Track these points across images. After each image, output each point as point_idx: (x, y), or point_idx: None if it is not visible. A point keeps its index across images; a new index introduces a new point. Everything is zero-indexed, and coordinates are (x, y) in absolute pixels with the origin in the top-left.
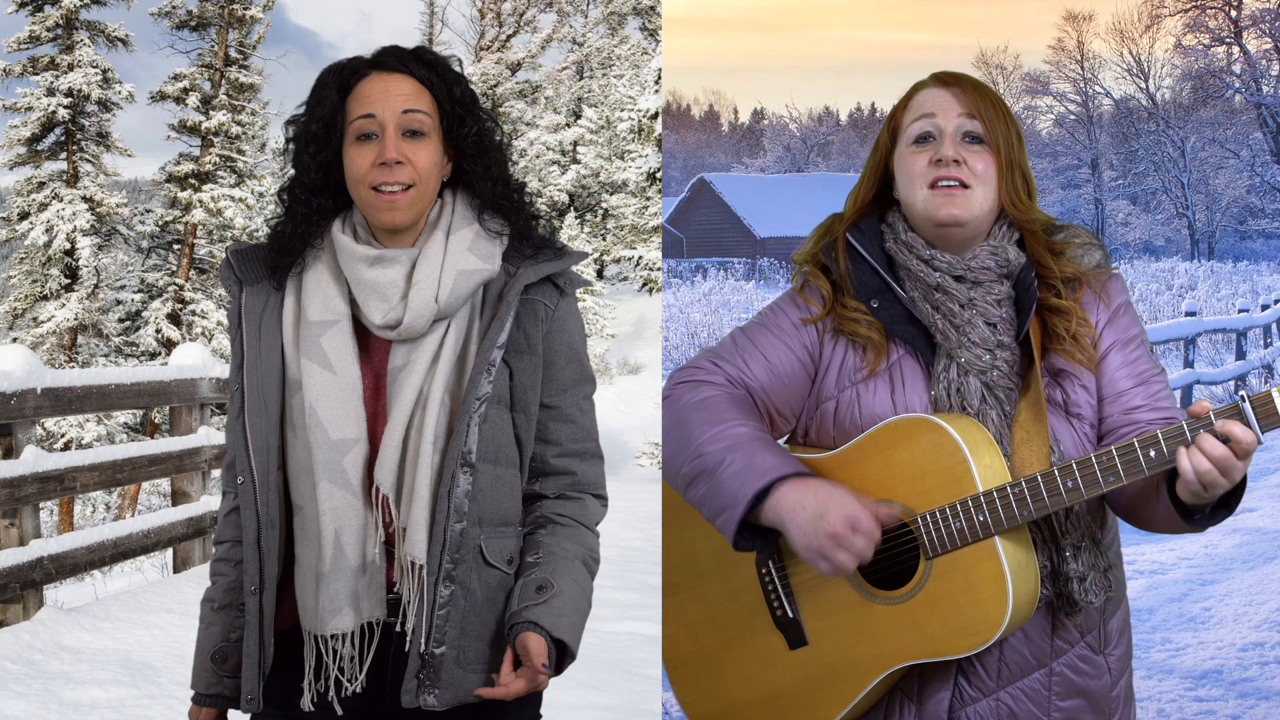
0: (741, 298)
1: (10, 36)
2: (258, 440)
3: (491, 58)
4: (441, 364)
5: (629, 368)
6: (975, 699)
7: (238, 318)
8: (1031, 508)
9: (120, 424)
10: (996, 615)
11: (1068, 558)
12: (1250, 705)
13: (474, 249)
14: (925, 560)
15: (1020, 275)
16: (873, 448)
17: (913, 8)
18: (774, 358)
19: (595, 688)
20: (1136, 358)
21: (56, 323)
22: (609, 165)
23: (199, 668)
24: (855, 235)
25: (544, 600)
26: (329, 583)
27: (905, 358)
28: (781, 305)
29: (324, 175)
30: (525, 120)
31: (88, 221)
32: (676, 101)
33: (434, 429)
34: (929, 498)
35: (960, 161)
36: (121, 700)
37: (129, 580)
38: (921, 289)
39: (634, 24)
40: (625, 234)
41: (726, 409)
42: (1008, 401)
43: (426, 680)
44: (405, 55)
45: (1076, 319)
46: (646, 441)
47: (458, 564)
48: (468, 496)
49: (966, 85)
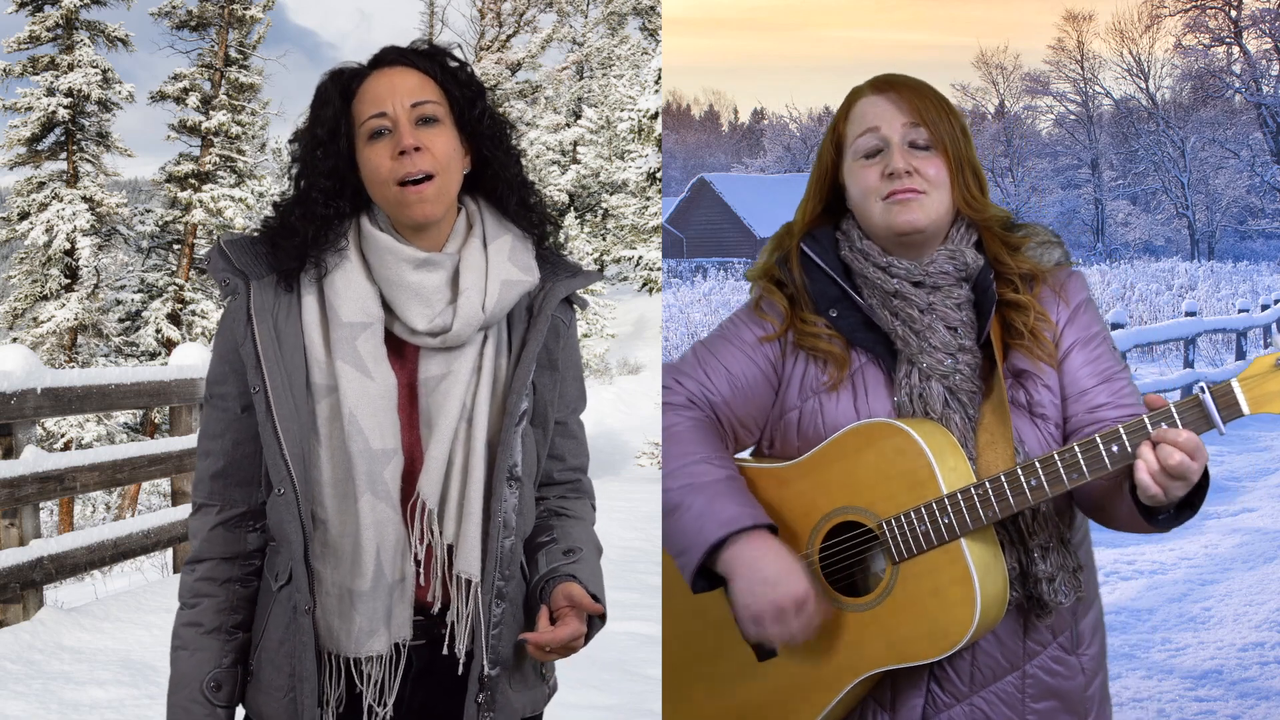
0: (741, 298)
1: (10, 36)
2: (293, 446)
3: (491, 58)
4: (484, 375)
5: (629, 368)
6: (949, 704)
7: (246, 314)
8: (996, 508)
9: (120, 424)
10: (964, 618)
11: (1036, 559)
12: (1250, 705)
13: (514, 259)
14: (891, 565)
15: (979, 277)
16: (837, 453)
17: (913, 8)
18: (736, 370)
19: (595, 688)
20: (1099, 355)
21: (56, 323)
22: (609, 165)
23: (186, 701)
24: (810, 245)
25: (575, 560)
26: (367, 602)
27: (867, 365)
28: (741, 319)
29: (338, 181)
30: (525, 120)
31: (88, 221)
32: (676, 101)
33: (482, 441)
34: (893, 502)
35: (912, 172)
36: (121, 700)
37: (129, 580)
38: (880, 296)
39: (634, 24)
40: (625, 234)
41: (689, 441)
42: (971, 405)
43: (485, 705)
44: (404, 50)
45: (1034, 314)
46: (646, 441)
47: (509, 580)
48: (515, 511)
49: (904, 90)
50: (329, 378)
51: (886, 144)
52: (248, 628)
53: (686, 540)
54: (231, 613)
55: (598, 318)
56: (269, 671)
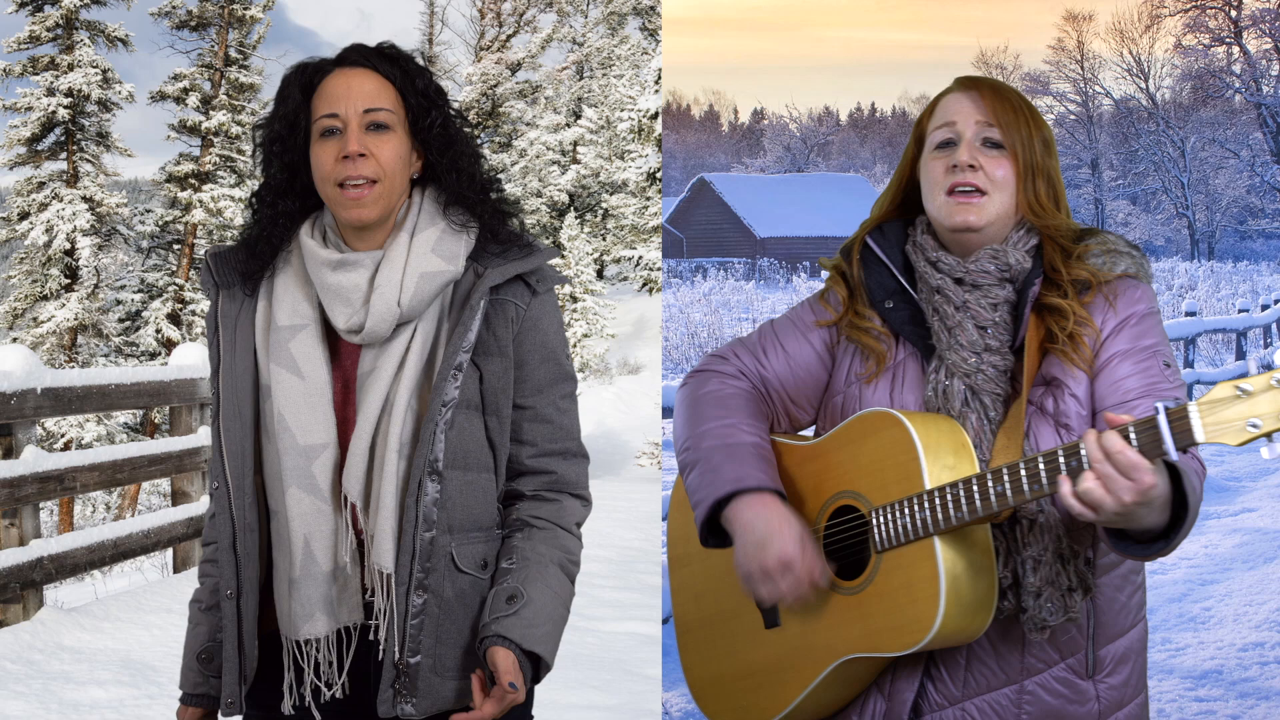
0: (741, 298)
1: (10, 36)
2: (232, 445)
3: (491, 58)
4: (407, 369)
5: (629, 368)
6: (941, 705)
7: (214, 322)
8: (964, 510)
9: (120, 424)
10: (928, 617)
11: (1027, 570)
12: (1250, 705)
13: (437, 249)
14: (875, 554)
15: (1024, 280)
16: (844, 438)
17: (913, 8)
18: (793, 350)
19: (595, 688)
20: (1147, 367)
21: (56, 323)
22: (609, 165)
23: (186, 667)
24: (876, 238)
25: (514, 611)
26: (300, 588)
27: (910, 358)
28: (805, 305)
29: (290, 177)
30: (525, 120)
31: (88, 221)
32: (676, 101)
33: (399, 436)
34: (884, 492)
35: (976, 167)
36: (121, 700)
37: (129, 580)
38: (926, 290)
39: (634, 24)
40: (625, 234)
41: (731, 406)
42: (993, 406)
43: (403, 689)
44: (368, 51)
45: (1075, 319)
46: (646, 441)
47: (429, 572)
48: (436, 505)
49: (986, 90)
50: (269, 378)
51: (959, 138)
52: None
53: (701, 493)
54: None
55: (598, 318)
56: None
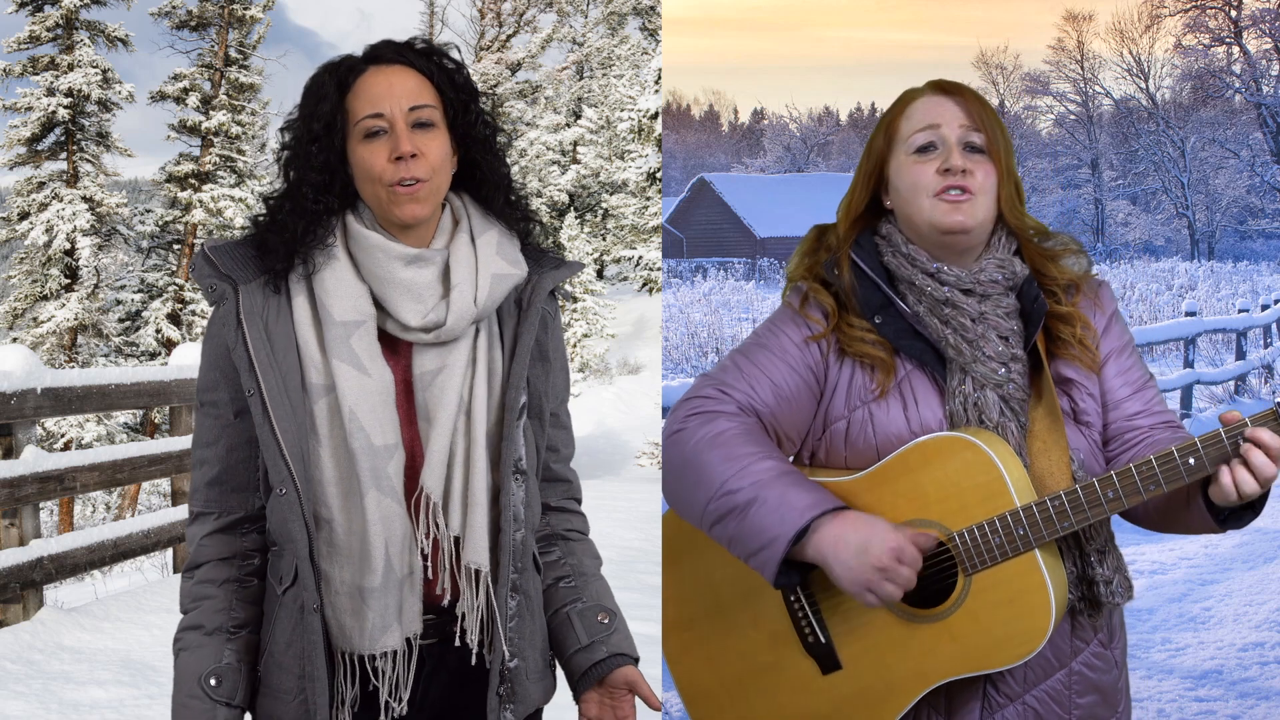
0: (741, 298)
1: (10, 36)
2: (292, 446)
3: (491, 58)
4: (479, 368)
5: (629, 368)
6: (1003, 705)
7: (236, 318)
8: (1073, 519)
9: (120, 424)
10: (1042, 624)
11: (1093, 562)
12: (1250, 705)
13: (501, 252)
14: (964, 577)
15: (1024, 286)
16: (902, 467)
17: (913, 8)
18: (779, 380)
19: None
20: (1130, 365)
21: (56, 323)
22: (609, 165)
23: (185, 698)
24: (855, 251)
25: (616, 628)
26: (378, 598)
27: (914, 373)
28: (780, 325)
29: (329, 176)
30: (525, 120)
31: (88, 221)
32: (676, 101)
33: (483, 434)
34: (965, 514)
35: (968, 171)
36: (121, 700)
37: (129, 580)
38: (928, 303)
39: (634, 24)
40: (625, 234)
41: (745, 443)
42: (1023, 413)
43: (507, 696)
44: (401, 47)
45: (1080, 323)
46: (646, 441)
47: (521, 572)
48: (523, 504)
49: (969, 95)
50: (326, 377)
51: (944, 142)
52: (249, 627)
53: (767, 535)
54: (231, 612)
55: (598, 318)
56: (277, 676)
